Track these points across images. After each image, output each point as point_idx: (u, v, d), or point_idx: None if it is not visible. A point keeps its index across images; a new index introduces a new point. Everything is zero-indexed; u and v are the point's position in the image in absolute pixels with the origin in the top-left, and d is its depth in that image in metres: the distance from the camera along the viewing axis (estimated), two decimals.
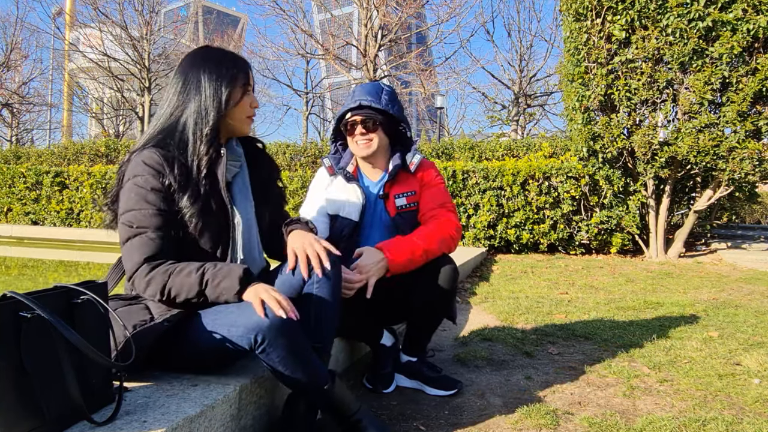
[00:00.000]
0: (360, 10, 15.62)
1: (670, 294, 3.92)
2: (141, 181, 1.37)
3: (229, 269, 1.33)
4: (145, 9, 18.40)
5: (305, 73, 25.89)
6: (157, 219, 1.36)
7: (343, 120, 2.03)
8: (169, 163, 1.39)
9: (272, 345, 1.30)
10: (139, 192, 1.36)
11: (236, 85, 1.48)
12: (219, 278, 1.32)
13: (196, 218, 1.39)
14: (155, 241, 1.35)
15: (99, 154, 10.80)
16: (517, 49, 19.14)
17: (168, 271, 1.33)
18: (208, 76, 1.45)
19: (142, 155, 1.39)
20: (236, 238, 1.49)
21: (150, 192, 1.36)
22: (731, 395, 1.95)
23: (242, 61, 1.53)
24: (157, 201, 1.36)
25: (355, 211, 2.01)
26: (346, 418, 1.46)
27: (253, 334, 1.29)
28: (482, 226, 6.39)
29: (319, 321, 1.50)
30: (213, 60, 1.48)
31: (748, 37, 5.18)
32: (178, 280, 1.32)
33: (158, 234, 1.36)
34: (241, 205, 1.53)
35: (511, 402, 1.89)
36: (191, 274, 1.32)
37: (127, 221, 1.37)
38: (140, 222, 1.35)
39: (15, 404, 0.99)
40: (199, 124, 1.44)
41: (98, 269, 6.03)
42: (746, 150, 5.24)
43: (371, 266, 1.77)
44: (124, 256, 1.39)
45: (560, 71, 6.71)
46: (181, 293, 1.33)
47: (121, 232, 1.39)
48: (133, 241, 1.35)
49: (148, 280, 1.33)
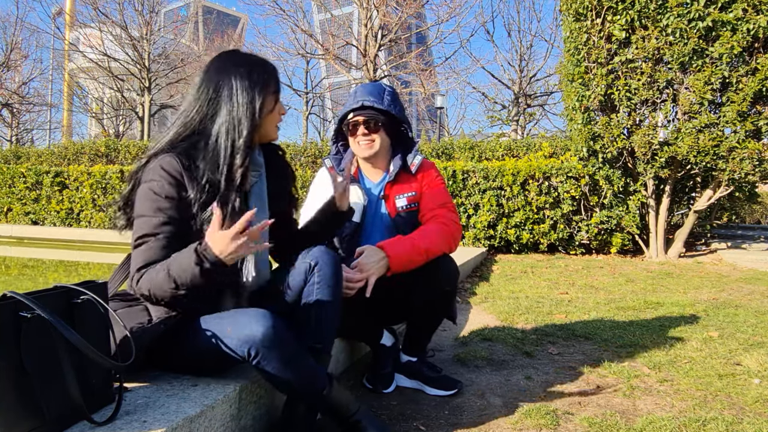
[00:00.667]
0: (360, 10, 15.62)
1: (670, 294, 3.92)
2: (156, 186, 1.33)
3: (182, 255, 1.26)
4: (145, 9, 18.41)
5: (305, 73, 25.91)
6: (166, 227, 1.33)
7: (344, 120, 2.03)
8: (190, 174, 1.34)
9: (266, 358, 1.29)
10: (153, 198, 1.33)
11: (269, 92, 1.43)
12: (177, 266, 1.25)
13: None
14: (158, 250, 1.32)
15: (99, 154, 10.80)
16: (517, 49, 19.17)
17: (149, 275, 1.30)
18: (240, 83, 1.39)
19: (162, 161, 1.35)
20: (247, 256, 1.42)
21: (164, 200, 1.33)
22: (731, 395, 1.95)
23: (272, 66, 1.48)
24: (169, 209, 1.33)
25: (356, 211, 2.00)
26: (345, 419, 1.46)
27: (246, 348, 1.28)
28: (482, 226, 6.39)
29: (319, 321, 1.50)
30: (244, 66, 1.42)
31: (748, 37, 5.18)
32: (155, 284, 1.29)
33: (162, 244, 1.32)
34: (257, 216, 1.46)
35: (511, 402, 1.89)
36: (159, 273, 1.28)
37: (137, 226, 1.35)
38: (148, 230, 1.33)
39: (15, 404, 0.99)
40: (231, 133, 1.37)
41: (98, 269, 6.03)
42: (746, 150, 5.24)
43: (372, 265, 1.77)
44: (132, 258, 1.38)
45: (560, 71, 6.71)
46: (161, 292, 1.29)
47: (133, 234, 1.38)
48: (140, 248, 1.34)
49: (139, 287, 1.32)
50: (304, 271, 1.50)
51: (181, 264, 1.25)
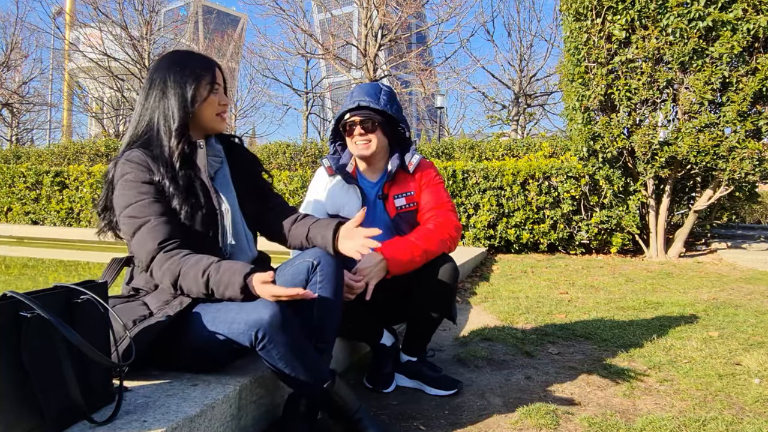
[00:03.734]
0: (360, 10, 15.61)
1: (670, 294, 3.92)
2: (131, 177, 1.42)
3: (229, 279, 1.33)
4: (145, 9, 18.38)
5: (305, 72, 25.92)
6: (157, 206, 1.40)
7: (342, 121, 2.03)
8: (153, 161, 1.44)
9: (273, 341, 1.30)
10: (132, 186, 1.41)
11: (201, 83, 1.51)
12: (222, 288, 1.34)
13: (184, 206, 1.43)
14: (163, 226, 1.39)
15: (99, 154, 10.80)
16: (517, 49, 19.15)
17: (180, 266, 1.35)
18: (173, 76, 1.50)
19: (127, 156, 1.45)
20: (225, 225, 1.53)
21: (142, 185, 1.42)
22: (731, 395, 1.95)
23: (208, 60, 1.56)
24: (151, 191, 1.42)
25: (354, 211, 2.00)
26: (346, 417, 1.46)
27: (254, 331, 1.29)
28: (482, 226, 6.39)
29: (321, 320, 1.51)
30: (178, 62, 1.53)
31: (748, 37, 5.18)
32: (186, 282, 1.36)
33: (163, 219, 1.40)
34: (224, 196, 1.57)
35: (511, 402, 1.89)
36: (197, 278, 1.34)
37: (129, 215, 1.40)
38: (142, 212, 1.39)
39: (15, 404, 0.99)
40: (168, 122, 1.49)
41: (98, 269, 6.03)
42: (746, 150, 5.24)
43: (371, 269, 1.77)
44: (136, 248, 1.40)
45: (560, 71, 6.71)
46: (191, 293, 1.38)
47: (125, 228, 1.41)
48: (142, 231, 1.38)
49: (164, 271, 1.36)
50: (306, 270, 1.51)
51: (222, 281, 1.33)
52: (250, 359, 1.56)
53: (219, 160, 1.61)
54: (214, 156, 1.59)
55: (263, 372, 1.52)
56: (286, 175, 7.63)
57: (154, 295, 1.42)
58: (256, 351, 1.33)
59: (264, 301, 1.33)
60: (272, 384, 1.58)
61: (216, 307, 1.38)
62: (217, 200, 1.52)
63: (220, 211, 1.52)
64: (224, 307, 1.36)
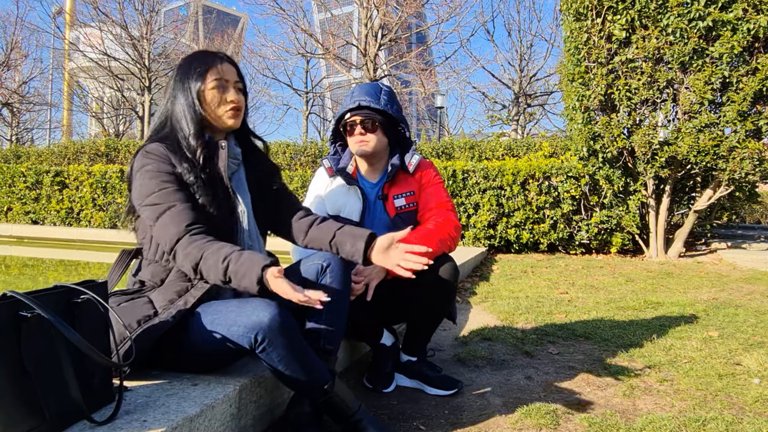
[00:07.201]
0: (360, 10, 15.60)
1: (670, 294, 3.92)
2: (152, 167, 1.42)
3: (247, 269, 1.31)
4: (145, 8, 18.38)
5: (305, 72, 25.88)
6: (180, 194, 1.40)
7: (342, 120, 2.03)
8: (174, 154, 1.45)
9: (272, 344, 1.30)
10: (154, 176, 1.41)
11: (205, 81, 1.51)
12: (239, 276, 1.32)
13: (206, 200, 1.44)
14: (189, 211, 1.39)
15: (99, 154, 10.80)
16: (517, 49, 19.14)
17: (202, 250, 1.34)
18: (181, 77, 1.53)
19: (146, 148, 1.45)
20: (242, 226, 1.53)
21: (164, 173, 1.41)
22: (731, 395, 1.95)
23: (212, 57, 1.55)
24: (173, 180, 1.42)
25: (355, 211, 2.00)
26: (346, 417, 1.46)
27: (253, 334, 1.29)
28: (482, 226, 6.39)
29: (330, 323, 1.52)
30: (187, 62, 1.55)
31: (749, 37, 5.18)
32: (206, 267, 1.34)
33: (188, 204, 1.40)
34: (240, 198, 1.57)
35: (511, 402, 1.89)
36: (218, 264, 1.32)
37: (152, 202, 1.39)
38: (167, 198, 1.39)
39: (15, 404, 0.99)
40: (182, 122, 1.50)
41: (98, 269, 6.03)
42: (746, 150, 5.24)
43: (371, 270, 1.78)
44: (159, 233, 1.39)
45: (560, 71, 6.71)
46: (209, 278, 1.36)
47: (148, 214, 1.40)
48: (167, 214, 1.38)
49: (186, 254, 1.35)
50: (316, 272, 1.54)
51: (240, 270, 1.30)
52: (250, 359, 1.56)
53: (237, 163, 1.62)
54: (233, 158, 1.60)
55: (263, 372, 1.52)
56: (285, 175, 7.63)
57: (159, 291, 1.42)
58: (256, 353, 1.33)
59: (264, 303, 1.32)
60: (272, 384, 1.58)
61: (216, 309, 1.37)
62: (235, 202, 1.53)
63: (237, 212, 1.53)
64: (224, 309, 1.36)
